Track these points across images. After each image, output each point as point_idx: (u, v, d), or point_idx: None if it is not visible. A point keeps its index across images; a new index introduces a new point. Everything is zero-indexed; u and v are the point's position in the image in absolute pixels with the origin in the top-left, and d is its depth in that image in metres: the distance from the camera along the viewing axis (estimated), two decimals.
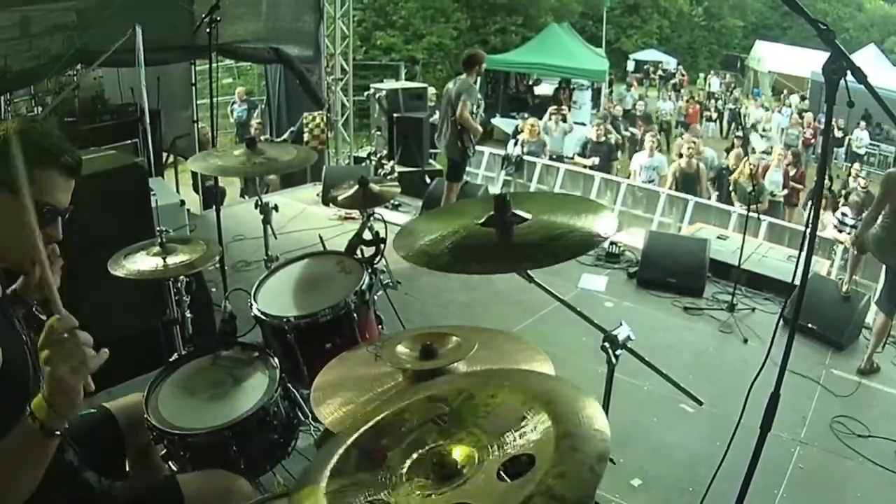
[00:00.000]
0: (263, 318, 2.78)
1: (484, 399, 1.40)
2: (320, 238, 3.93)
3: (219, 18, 4.47)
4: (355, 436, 1.45)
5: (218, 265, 4.24)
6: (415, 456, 1.31)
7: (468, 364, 1.95)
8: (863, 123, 16.79)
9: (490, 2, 22.59)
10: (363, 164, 9.75)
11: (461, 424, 1.35)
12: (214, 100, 4.98)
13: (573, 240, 1.85)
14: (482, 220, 1.92)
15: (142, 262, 2.88)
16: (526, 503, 1.09)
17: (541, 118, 13.19)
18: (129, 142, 6.74)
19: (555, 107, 14.53)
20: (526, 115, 14.38)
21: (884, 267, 5.10)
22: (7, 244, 1.50)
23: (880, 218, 4.77)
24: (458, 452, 1.27)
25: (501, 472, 1.21)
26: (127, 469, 2.29)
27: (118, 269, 2.82)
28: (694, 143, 10.10)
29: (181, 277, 3.06)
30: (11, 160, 1.34)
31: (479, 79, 7.04)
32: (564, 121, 13.25)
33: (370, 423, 1.48)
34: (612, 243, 6.69)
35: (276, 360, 2.60)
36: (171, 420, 2.31)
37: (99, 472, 1.90)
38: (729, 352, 5.05)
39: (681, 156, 10.11)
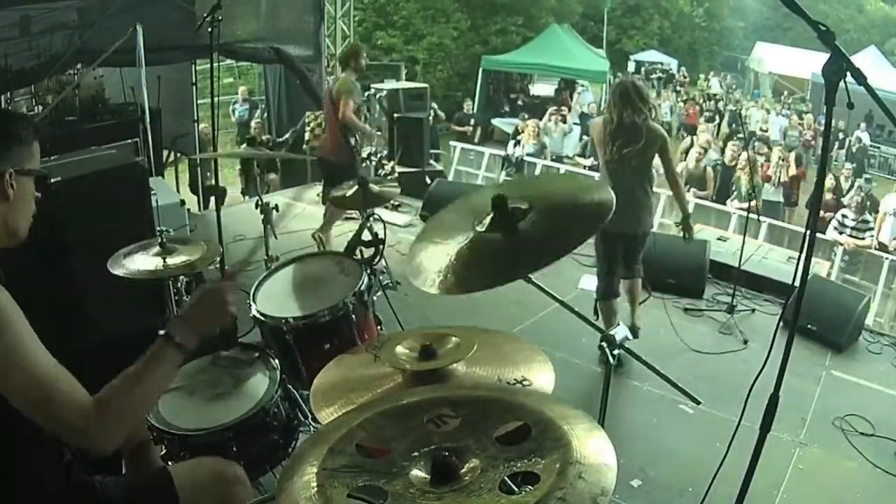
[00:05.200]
0: (262, 318, 2.78)
1: (499, 412, 1.42)
2: (320, 238, 3.94)
3: (220, 18, 4.47)
4: (360, 419, 1.46)
5: (218, 265, 4.24)
6: (418, 452, 1.32)
7: (468, 365, 1.95)
8: (863, 125, 16.78)
9: (491, 2, 22.56)
10: (363, 164, 9.74)
11: (471, 432, 1.36)
12: (216, 99, 4.98)
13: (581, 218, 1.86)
14: (485, 228, 1.90)
15: (142, 262, 2.88)
16: None
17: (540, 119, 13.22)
18: (130, 141, 6.73)
19: (554, 107, 14.55)
20: (526, 116, 14.39)
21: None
22: (21, 222, 1.68)
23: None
24: (463, 457, 1.28)
25: (503, 485, 1.22)
26: (123, 467, 2.29)
27: (118, 268, 2.83)
28: (704, 148, 10.12)
29: (181, 277, 3.06)
30: None
31: (360, 75, 6.35)
32: (564, 121, 13.26)
33: (377, 410, 1.49)
34: None
35: (276, 360, 2.60)
36: (171, 420, 2.31)
37: (94, 470, 1.90)
38: (728, 353, 5.04)
39: (685, 153, 10.12)
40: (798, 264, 2.02)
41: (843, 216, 8.08)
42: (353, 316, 2.79)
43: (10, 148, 1.62)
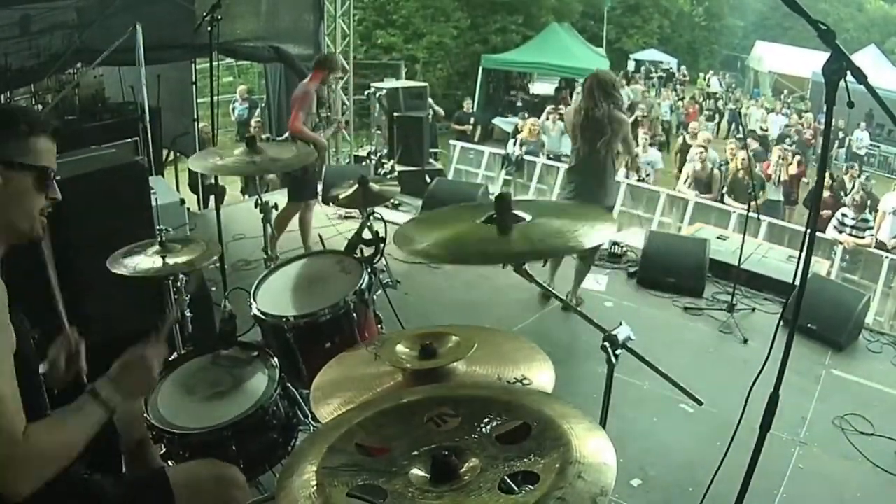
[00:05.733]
0: (262, 317, 2.78)
1: (499, 411, 1.42)
2: (320, 237, 3.94)
3: (220, 17, 4.46)
4: (360, 418, 1.46)
5: (218, 264, 4.24)
6: (418, 451, 1.32)
7: (468, 364, 1.95)
8: (863, 124, 16.79)
9: (491, 1, 22.55)
10: (363, 163, 9.75)
11: (471, 431, 1.36)
12: (215, 98, 4.98)
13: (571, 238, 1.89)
14: (483, 218, 1.94)
15: (141, 261, 2.88)
16: None
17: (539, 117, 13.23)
18: (130, 140, 6.73)
19: (552, 106, 14.54)
20: (526, 115, 14.38)
21: None
22: (18, 218, 1.64)
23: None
24: (463, 456, 1.28)
25: (503, 485, 1.22)
26: (123, 466, 2.29)
27: (118, 267, 2.83)
28: (704, 146, 10.13)
29: (181, 276, 3.06)
30: None
31: (326, 87, 6.05)
32: (562, 120, 13.24)
33: (377, 409, 1.49)
34: (614, 244, 6.69)
35: (276, 359, 2.60)
36: (171, 419, 2.31)
37: (93, 469, 1.90)
38: (729, 352, 5.04)
39: (679, 152, 10.09)
40: (798, 263, 2.02)
41: (843, 215, 8.08)
42: (354, 314, 2.79)
43: (6, 141, 1.60)
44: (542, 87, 21.01)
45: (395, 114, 9.82)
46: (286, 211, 5.95)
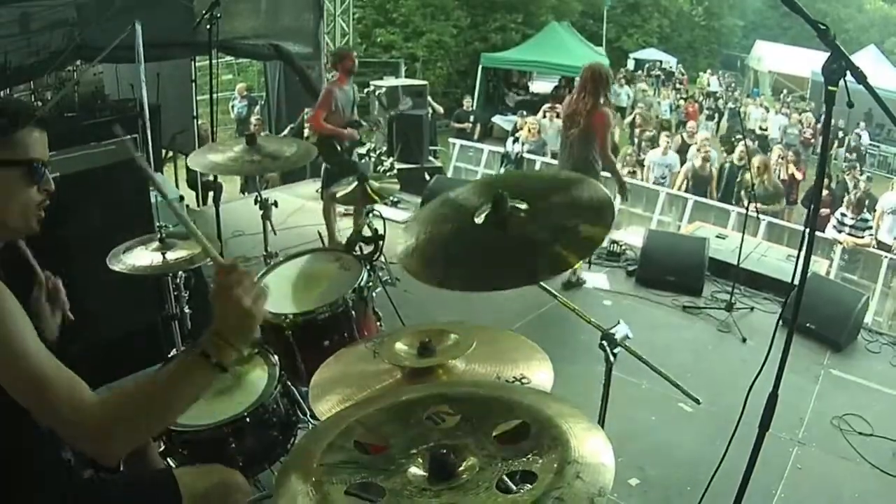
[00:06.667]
0: None
1: (498, 410, 1.42)
2: (319, 235, 3.94)
3: (219, 15, 4.46)
4: (359, 415, 1.46)
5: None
6: (416, 449, 1.32)
7: (467, 362, 1.95)
8: (863, 124, 16.79)
9: None
10: (362, 160, 9.75)
11: (470, 429, 1.36)
12: (214, 96, 4.97)
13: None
14: (481, 221, 1.91)
15: (141, 258, 2.88)
16: None
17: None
18: (129, 137, 6.72)
19: (549, 105, 14.52)
20: (525, 113, 14.37)
21: None
22: (11, 215, 1.59)
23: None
24: (461, 455, 1.28)
25: (500, 484, 1.22)
26: (121, 464, 2.29)
27: (117, 264, 2.83)
28: (707, 144, 10.13)
29: (180, 273, 3.06)
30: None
31: (350, 79, 6.24)
32: (559, 118, 13.24)
33: (376, 406, 1.49)
34: (613, 242, 6.69)
35: (276, 357, 2.60)
36: None
37: (93, 468, 1.90)
38: (727, 351, 5.05)
39: (678, 153, 10.11)
40: (797, 262, 2.02)
41: (843, 215, 8.08)
42: (353, 312, 2.80)
43: None
44: (542, 86, 20.97)
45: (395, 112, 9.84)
46: (326, 203, 6.23)
